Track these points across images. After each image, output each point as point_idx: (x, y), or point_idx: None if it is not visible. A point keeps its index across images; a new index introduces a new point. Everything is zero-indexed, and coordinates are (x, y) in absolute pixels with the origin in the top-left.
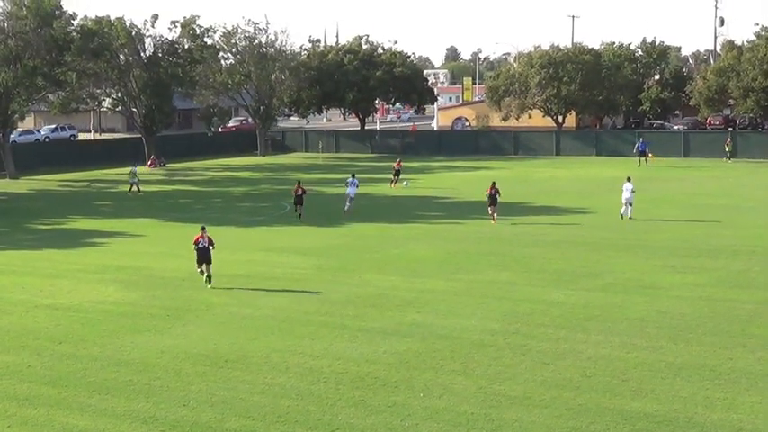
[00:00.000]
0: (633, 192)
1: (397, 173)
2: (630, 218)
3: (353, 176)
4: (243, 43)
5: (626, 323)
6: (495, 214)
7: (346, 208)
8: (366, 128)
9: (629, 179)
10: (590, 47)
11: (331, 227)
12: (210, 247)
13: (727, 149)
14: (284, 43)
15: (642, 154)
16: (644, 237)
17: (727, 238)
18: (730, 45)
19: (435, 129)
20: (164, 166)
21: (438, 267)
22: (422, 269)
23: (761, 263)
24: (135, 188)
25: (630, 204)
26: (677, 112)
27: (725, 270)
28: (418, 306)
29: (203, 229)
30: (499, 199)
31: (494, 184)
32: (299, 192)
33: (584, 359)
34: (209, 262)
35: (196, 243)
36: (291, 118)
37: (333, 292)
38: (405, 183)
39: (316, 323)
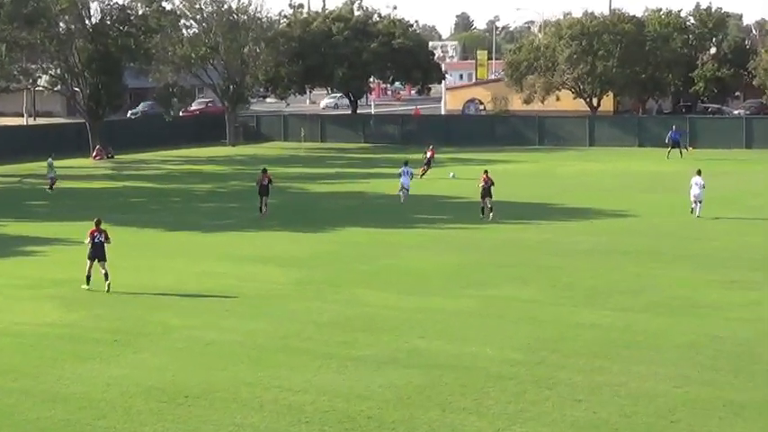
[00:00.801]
0: (704, 187)
1: (429, 162)
2: (699, 216)
3: (407, 164)
4: (209, 8)
5: (674, 351)
6: (492, 212)
7: (402, 200)
8: (358, 112)
9: (699, 172)
10: (631, 14)
11: (314, 232)
12: (107, 244)
13: None
14: (259, 9)
15: (676, 144)
16: (695, 245)
17: None
18: None
19: (443, 113)
20: (111, 157)
21: (444, 282)
22: (424, 284)
23: None
24: (52, 184)
25: (700, 202)
26: (738, 93)
27: None
28: (420, 329)
29: (98, 222)
30: (494, 191)
31: (486, 173)
32: (266, 181)
33: (623, 395)
34: (103, 259)
35: (92, 237)
36: (267, 100)
37: (316, 312)
38: (451, 174)
39: (295, 350)
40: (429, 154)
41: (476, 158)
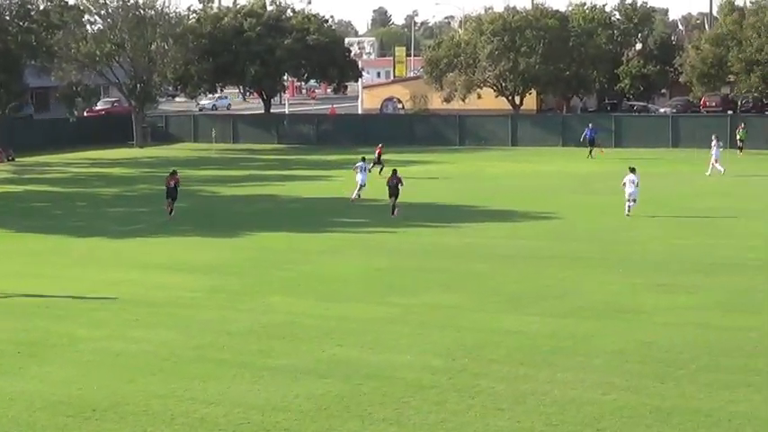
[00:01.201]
0: (638, 186)
1: (379, 159)
2: (628, 215)
3: (364, 159)
4: (114, 4)
5: (601, 357)
6: (397, 210)
7: (354, 196)
8: (272, 111)
9: (633, 170)
10: (555, 9)
11: (227, 237)
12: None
13: (739, 138)
14: (167, 4)
15: (592, 143)
16: (623, 249)
17: (728, 250)
18: (730, 7)
19: (360, 112)
20: (12, 160)
21: (364, 288)
22: (343, 291)
23: None
24: None
25: (635, 200)
26: (664, 90)
27: (724, 290)
28: (339, 338)
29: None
30: (401, 189)
31: (395, 172)
32: (172, 183)
33: (548, 404)
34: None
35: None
36: (177, 99)
37: (231, 321)
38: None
39: (208, 361)
40: (378, 152)
41: (395, 159)
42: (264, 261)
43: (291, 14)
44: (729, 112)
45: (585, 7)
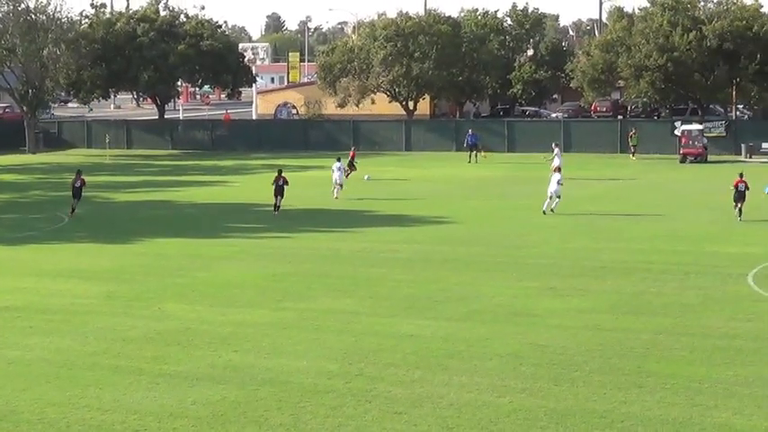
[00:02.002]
0: (561, 184)
1: (352, 163)
2: (552, 210)
3: (339, 160)
4: (5, 8)
5: (496, 360)
6: (278, 210)
7: (335, 196)
8: (166, 117)
9: (558, 169)
10: (447, 15)
11: (122, 244)
12: None
13: (632, 143)
14: (59, 8)
15: (473, 148)
16: (517, 253)
17: (618, 253)
18: (619, 13)
19: (254, 118)
20: None
21: (260, 294)
22: (239, 296)
23: (657, 283)
24: None
25: (559, 197)
26: (555, 95)
27: (615, 293)
28: (235, 343)
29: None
30: (287, 190)
31: (280, 171)
32: (79, 183)
33: (444, 406)
34: None
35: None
36: (69, 105)
37: (126, 328)
38: (366, 176)
39: (104, 368)
40: (351, 156)
41: (289, 165)
42: (160, 267)
43: (185, 20)
44: (619, 117)
45: (478, 13)
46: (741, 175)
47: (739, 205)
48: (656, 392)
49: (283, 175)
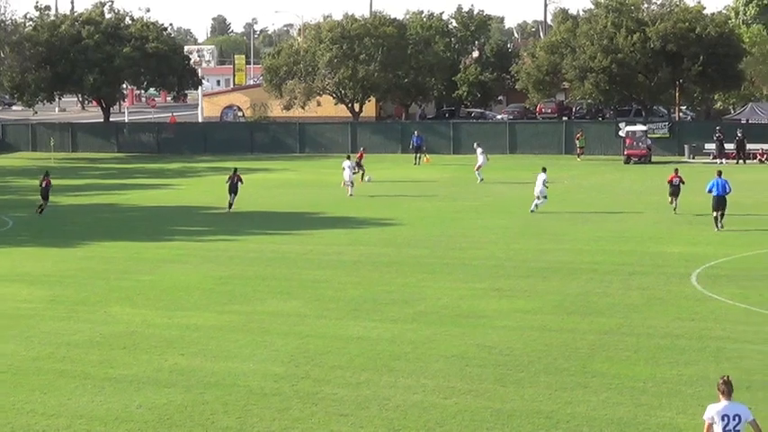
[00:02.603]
0: (546, 185)
1: (360, 163)
2: (532, 211)
3: (349, 158)
4: None
5: (442, 362)
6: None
7: (349, 193)
8: (111, 119)
9: (543, 169)
10: (393, 17)
11: (66, 247)
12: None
13: (579, 145)
14: (2, 11)
15: (419, 150)
16: (462, 254)
17: (564, 254)
18: (563, 15)
19: (200, 120)
20: None
21: (205, 297)
22: (185, 300)
23: (602, 284)
24: None
25: (545, 197)
26: (501, 97)
27: (561, 293)
28: (181, 347)
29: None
30: (241, 188)
31: (235, 170)
32: (45, 184)
33: (390, 408)
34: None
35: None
36: (14, 108)
37: (71, 332)
38: (367, 178)
39: (49, 372)
40: (359, 156)
41: (236, 167)
42: (105, 271)
43: (130, 22)
44: (564, 118)
45: (423, 15)
46: (676, 171)
47: (675, 199)
48: (601, 392)
49: (238, 173)
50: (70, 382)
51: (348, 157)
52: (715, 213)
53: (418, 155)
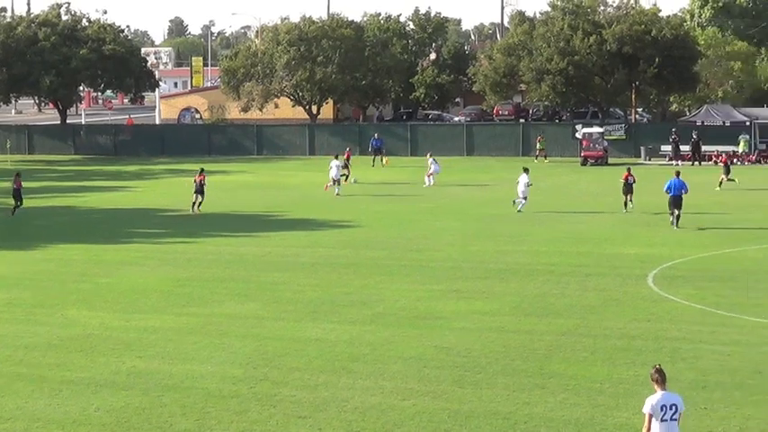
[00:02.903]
0: (529, 185)
1: (347, 164)
2: (519, 211)
3: (337, 157)
4: None
5: (400, 363)
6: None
7: (336, 193)
8: (68, 122)
9: (525, 170)
10: (350, 19)
11: (23, 250)
12: None
13: (539, 147)
14: None
15: (378, 152)
16: (420, 256)
17: (521, 256)
18: (520, 17)
19: (158, 123)
20: None
21: (163, 299)
22: (142, 302)
23: (560, 285)
24: None
25: (525, 198)
26: (458, 99)
27: (518, 295)
28: (139, 349)
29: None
30: (206, 189)
31: (201, 170)
32: (16, 185)
33: (349, 410)
34: None
35: None
36: None
37: (28, 335)
38: (353, 180)
39: (5, 375)
40: (346, 156)
41: (193, 169)
42: (62, 273)
43: (87, 24)
44: (521, 120)
45: (380, 17)
46: (629, 170)
47: (628, 197)
48: (558, 393)
49: (204, 173)
50: (27, 386)
51: (336, 157)
52: (672, 212)
53: (377, 157)
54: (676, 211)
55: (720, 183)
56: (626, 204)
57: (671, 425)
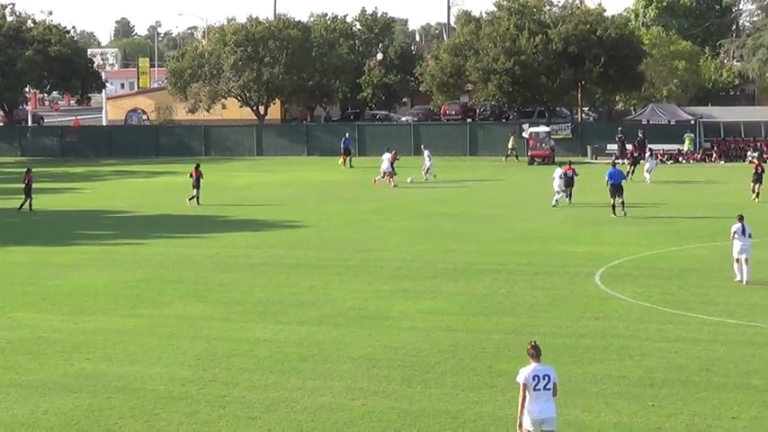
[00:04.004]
0: (562, 177)
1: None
2: (554, 206)
3: (389, 150)
4: None
5: (349, 363)
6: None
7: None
8: (14, 123)
9: (560, 164)
10: (297, 20)
11: None
12: None
13: (510, 147)
14: None
15: (347, 152)
16: (368, 256)
17: (469, 255)
18: (466, 18)
19: (104, 124)
20: None
21: (112, 301)
22: (90, 304)
23: (507, 284)
24: None
25: (563, 191)
26: (405, 99)
27: (466, 294)
28: (87, 351)
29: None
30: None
31: (197, 165)
32: (27, 180)
33: (299, 410)
34: None
35: None
36: None
37: None
38: (408, 179)
39: None
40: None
41: (140, 171)
42: (8, 276)
43: (32, 25)
44: (468, 119)
45: (327, 18)
46: (570, 163)
47: (569, 190)
48: (507, 392)
49: (200, 168)
50: None
51: (388, 150)
52: (613, 201)
53: (348, 158)
54: (619, 199)
55: (631, 173)
56: (569, 197)
57: (544, 393)
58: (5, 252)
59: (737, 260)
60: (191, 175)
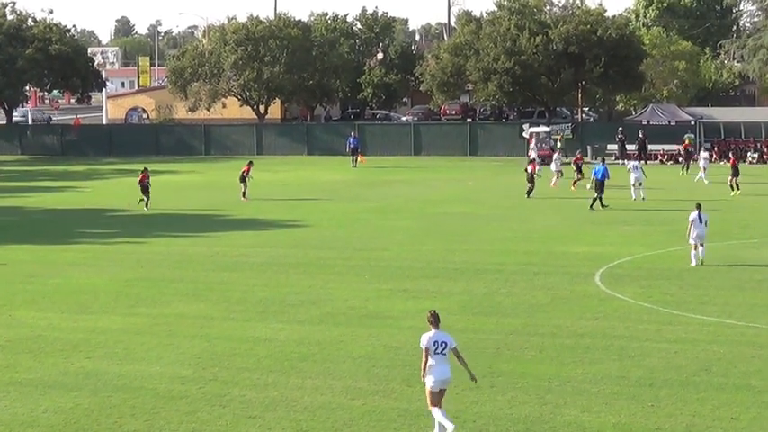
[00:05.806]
0: (637, 168)
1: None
2: (644, 199)
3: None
4: None
5: (349, 362)
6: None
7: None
8: (14, 122)
9: (632, 157)
10: (298, 19)
11: None
12: None
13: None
14: None
15: (354, 152)
16: (368, 255)
17: (469, 255)
18: (467, 17)
19: (105, 123)
20: None
21: (112, 300)
22: (91, 303)
23: (508, 284)
24: None
25: (641, 184)
26: (405, 99)
27: (467, 294)
28: (87, 350)
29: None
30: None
31: (250, 163)
32: (142, 178)
33: (299, 409)
34: None
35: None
36: None
37: None
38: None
39: None
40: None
41: (140, 170)
42: (9, 274)
43: (33, 24)
44: (468, 119)
45: (328, 17)
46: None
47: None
48: (506, 392)
49: (251, 165)
50: None
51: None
52: (598, 195)
53: (355, 157)
54: (601, 195)
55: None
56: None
57: (442, 357)
58: (6, 250)
59: (694, 246)
60: (242, 172)
